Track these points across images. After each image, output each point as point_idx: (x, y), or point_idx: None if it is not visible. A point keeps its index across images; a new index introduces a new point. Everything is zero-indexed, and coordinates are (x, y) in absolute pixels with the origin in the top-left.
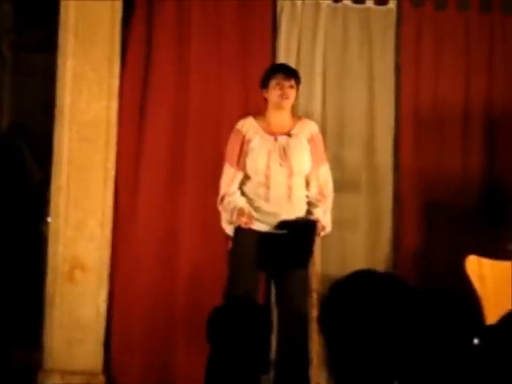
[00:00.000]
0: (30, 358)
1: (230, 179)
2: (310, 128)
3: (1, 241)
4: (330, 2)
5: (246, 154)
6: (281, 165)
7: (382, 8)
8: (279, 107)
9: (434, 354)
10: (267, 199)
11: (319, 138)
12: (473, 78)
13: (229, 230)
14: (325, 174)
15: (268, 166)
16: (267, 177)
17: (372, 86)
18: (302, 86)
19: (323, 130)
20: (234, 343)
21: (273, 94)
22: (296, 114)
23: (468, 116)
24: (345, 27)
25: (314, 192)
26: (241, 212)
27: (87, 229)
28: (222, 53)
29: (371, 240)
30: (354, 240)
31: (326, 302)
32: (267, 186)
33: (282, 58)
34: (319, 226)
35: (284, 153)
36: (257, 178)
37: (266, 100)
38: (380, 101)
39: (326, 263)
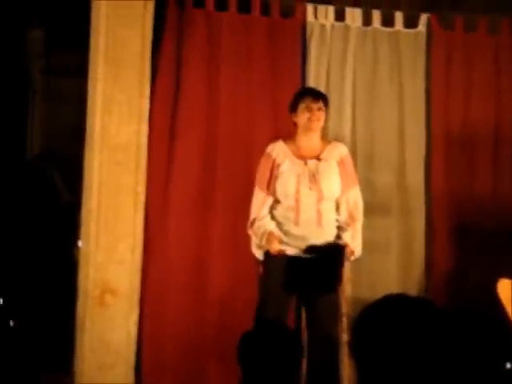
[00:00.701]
0: (60, 382)
1: (260, 203)
2: (339, 151)
3: (32, 265)
4: (360, 25)
5: (276, 178)
6: (310, 189)
7: (411, 31)
8: (309, 130)
9: (467, 378)
10: (297, 223)
11: (349, 160)
12: (503, 100)
13: (259, 254)
14: (355, 197)
15: (298, 190)
16: (297, 201)
17: (402, 109)
18: (331, 110)
19: (353, 154)
20: (265, 367)
21: (302, 117)
22: (326, 138)
23: (498, 138)
24: (374, 50)
25: (344, 216)
26: (271, 237)
27: (118, 253)
28: (252, 76)
29: (403, 263)
30: (386, 263)
31: (357, 326)
32: (297, 210)
33: (311, 82)
34: (348, 250)
35: (313, 177)
36: (286, 202)
37: (295, 124)
38: (410, 124)
39: (358, 287)
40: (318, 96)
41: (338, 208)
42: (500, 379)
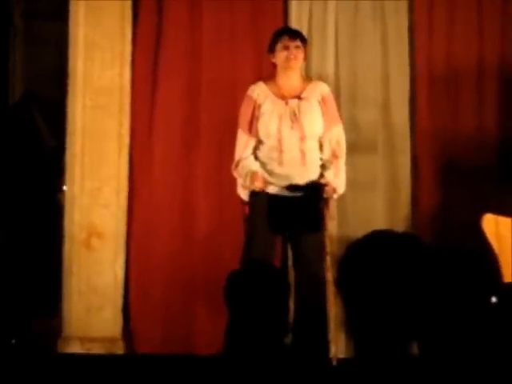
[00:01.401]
0: (49, 325)
1: (243, 145)
2: (320, 89)
3: (17, 210)
4: None
5: (258, 118)
6: (292, 128)
7: None
8: (287, 68)
9: (452, 313)
10: (281, 162)
11: (331, 98)
12: (487, 36)
13: (244, 195)
14: (337, 135)
15: (279, 130)
16: (279, 140)
17: (386, 48)
18: (314, 50)
19: (337, 92)
20: (252, 306)
21: (280, 56)
22: (307, 77)
23: (482, 75)
24: None
25: (327, 154)
26: (254, 176)
27: (103, 196)
28: (234, 19)
29: (389, 200)
30: (373, 201)
31: (343, 263)
32: (280, 150)
33: (293, 23)
34: (329, 188)
35: (294, 116)
36: (269, 142)
37: (274, 65)
38: (394, 61)
39: (345, 225)
40: (295, 34)
41: (321, 147)
42: (486, 313)
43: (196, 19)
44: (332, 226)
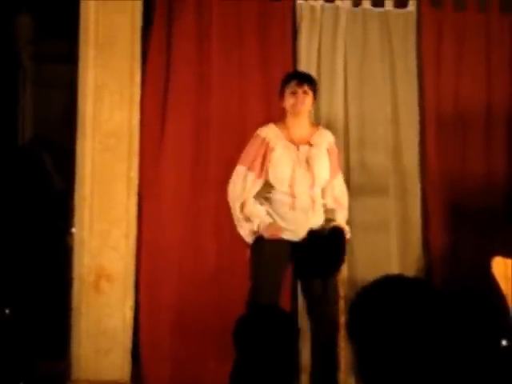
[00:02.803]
0: (57, 368)
1: (250, 184)
2: (328, 138)
3: (26, 252)
4: (350, 6)
5: (269, 161)
6: (304, 175)
7: (401, 11)
8: (296, 114)
9: (464, 358)
10: (293, 207)
11: (335, 148)
12: (494, 79)
13: (249, 238)
14: (340, 185)
15: (293, 176)
16: (291, 186)
17: (394, 89)
18: (323, 92)
19: (346, 135)
20: (262, 351)
21: (288, 102)
22: (313, 122)
23: (490, 116)
24: (365, 31)
25: (330, 201)
26: (272, 227)
27: (112, 239)
28: (243, 60)
29: (401, 242)
30: (385, 243)
31: (353, 308)
32: (292, 195)
33: (302, 63)
34: (345, 231)
35: (307, 163)
36: (281, 187)
37: (284, 110)
38: (403, 104)
39: (357, 268)
40: (303, 79)
41: (323, 193)
42: (497, 356)
43: (205, 59)
44: (344, 270)
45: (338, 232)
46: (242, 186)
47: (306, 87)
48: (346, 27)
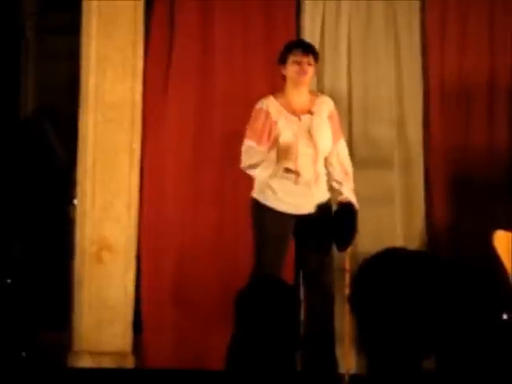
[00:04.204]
0: (59, 339)
1: (261, 158)
2: (328, 105)
3: (28, 223)
4: None
5: (275, 135)
6: (307, 146)
7: None
8: (298, 84)
9: (464, 330)
10: (296, 182)
11: (336, 114)
12: (498, 52)
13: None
14: (343, 150)
15: (296, 149)
16: (294, 160)
17: (398, 63)
18: (327, 65)
19: (349, 108)
20: (263, 322)
21: (291, 70)
22: (312, 90)
23: (494, 90)
24: (369, 5)
25: (338, 170)
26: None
27: (114, 210)
28: (247, 33)
29: (405, 215)
30: (389, 216)
31: (356, 281)
32: (296, 171)
33: (306, 37)
34: (355, 206)
35: (309, 133)
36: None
37: (283, 77)
38: (407, 77)
39: (362, 240)
40: (308, 50)
41: (326, 161)
42: (497, 330)
43: (208, 32)
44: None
45: (348, 208)
46: (255, 158)
47: (311, 58)
48: (350, 1)
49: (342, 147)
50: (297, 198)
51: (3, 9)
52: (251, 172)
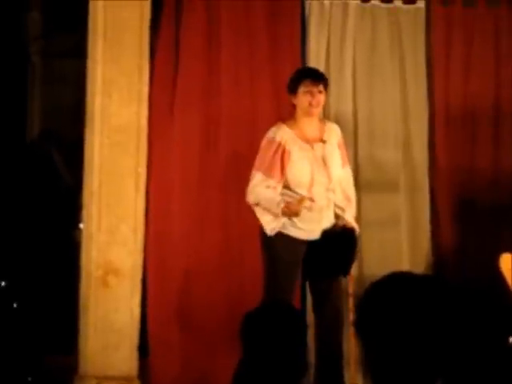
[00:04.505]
0: (65, 363)
1: (271, 190)
2: (336, 132)
3: (35, 247)
4: (359, 2)
5: (286, 165)
6: (322, 175)
7: (410, 7)
8: (310, 114)
9: (472, 355)
10: (310, 209)
11: (343, 141)
12: (503, 74)
13: (271, 227)
14: (348, 177)
15: (312, 178)
16: (309, 189)
17: (404, 85)
18: (332, 88)
19: (355, 131)
20: (270, 347)
21: (302, 100)
22: (320, 117)
23: (499, 112)
24: (374, 27)
25: (340, 197)
26: (292, 204)
27: (120, 234)
28: (252, 56)
29: (411, 238)
30: (395, 239)
31: (361, 305)
32: (311, 199)
33: (312, 59)
34: (356, 231)
35: (323, 162)
36: (300, 190)
37: (293, 105)
38: (412, 99)
39: (367, 264)
40: (319, 79)
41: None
42: (504, 353)
43: (213, 55)
44: (353, 268)
45: (349, 233)
46: (264, 193)
47: (321, 87)
48: (355, 23)
49: (347, 174)
50: (310, 224)
51: (9, 33)
52: (256, 209)
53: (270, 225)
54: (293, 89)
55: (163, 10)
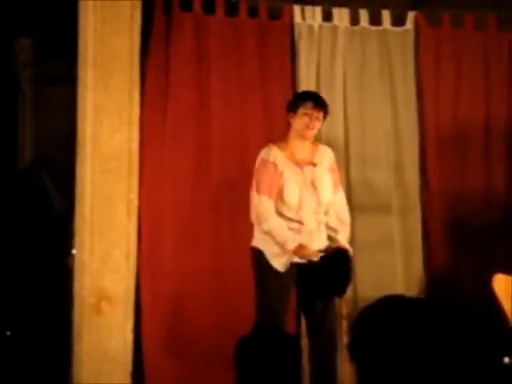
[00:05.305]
0: None
1: (272, 211)
2: (329, 156)
3: (27, 274)
4: (348, 25)
5: (280, 186)
6: (311, 198)
7: (399, 29)
8: (304, 137)
9: (466, 377)
10: (299, 232)
11: (335, 165)
12: (493, 95)
13: (280, 262)
14: (341, 199)
15: (301, 201)
16: (298, 212)
17: (394, 106)
18: None
19: (346, 153)
20: (264, 372)
21: (299, 122)
22: (313, 140)
23: (490, 133)
24: (363, 49)
25: (332, 218)
26: (303, 249)
27: (112, 260)
28: (242, 79)
29: (405, 260)
30: (388, 261)
31: (354, 329)
32: (300, 221)
33: (302, 82)
34: (350, 252)
35: (312, 185)
36: (288, 212)
37: (289, 124)
38: (403, 121)
39: (361, 285)
40: (322, 105)
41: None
42: (499, 374)
43: (204, 79)
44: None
45: (343, 254)
46: (275, 217)
47: (321, 114)
48: (345, 46)
49: (340, 197)
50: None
51: None
52: (266, 233)
53: (280, 262)
54: (293, 108)
55: (153, 36)
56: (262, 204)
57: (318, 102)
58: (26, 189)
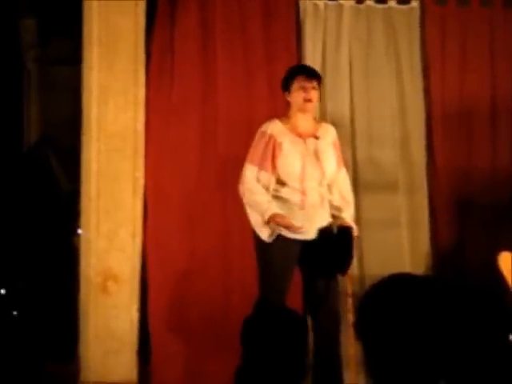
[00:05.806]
0: (66, 370)
1: (267, 185)
2: (331, 132)
3: (34, 254)
4: (353, 3)
5: (277, 157)
6: (314, 168)
7: (404, 7)
8: (304, 110)
9: (473, 352)
10: (302, 206)
11: (338, 143)
12: (499, 73)
13: (265, 233)
14: (344, 178)
15: (303, 169)
16: (301, 181)
17: (400, 85)
18: (329, 89)
19: (352, 131)
20: (271, 350)
21: (296, 96)
22: (315, 118)
23: (496, 110)
24: (369, 27)
25: (336, 197)
26: (280, 218)
27: (119, 239)
28: (248, 58)
29: (411, 238)
30: (395, 240)
31: (361, 307)
32: (303, 192)
33: (307, 60)
34: (353, 230)
35: (316, 155)
36: (292, 182)
37: (288, 103)
38: (409, 98)
39: (368, 263)
40: (313, 75)
41: (328, 188)
42: (506, 351)
43: (209, 57)
44: (352, 266)
45: (346, 232)
46: (256, 186)
47: (314, 83)
48: (350, 24)
49: (343, 175)
50: (303, 222)
51: (4, 41)
52: (247, 207)
53: (264, 233)
54: (286, 86)
55: (157, 15)
56: (245, 175)
57: (308, 72)
58: (32, 169)
